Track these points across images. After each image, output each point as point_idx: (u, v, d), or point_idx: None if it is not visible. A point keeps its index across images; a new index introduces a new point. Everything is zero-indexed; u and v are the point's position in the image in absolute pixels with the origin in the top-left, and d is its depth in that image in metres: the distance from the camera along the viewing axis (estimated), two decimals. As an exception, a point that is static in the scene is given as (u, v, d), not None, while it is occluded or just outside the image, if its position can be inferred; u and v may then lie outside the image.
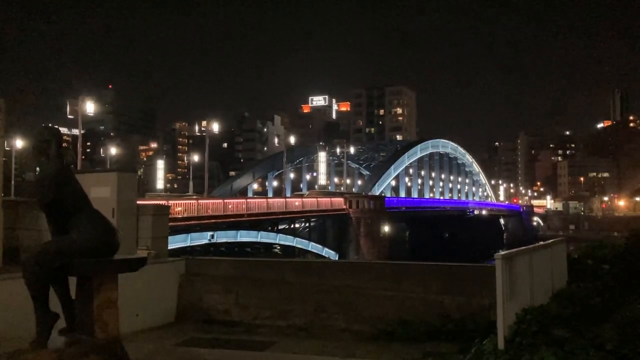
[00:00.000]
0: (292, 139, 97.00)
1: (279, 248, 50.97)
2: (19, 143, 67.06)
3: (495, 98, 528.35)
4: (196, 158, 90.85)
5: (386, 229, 66.10)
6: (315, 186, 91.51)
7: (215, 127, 70.83)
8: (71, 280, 5.30)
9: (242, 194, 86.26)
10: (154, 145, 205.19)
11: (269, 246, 49.89)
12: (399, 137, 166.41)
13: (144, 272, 7.11)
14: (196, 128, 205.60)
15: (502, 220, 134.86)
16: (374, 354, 8.63)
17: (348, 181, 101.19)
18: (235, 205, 45.29)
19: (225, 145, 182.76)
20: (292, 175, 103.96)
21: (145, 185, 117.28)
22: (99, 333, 5.02)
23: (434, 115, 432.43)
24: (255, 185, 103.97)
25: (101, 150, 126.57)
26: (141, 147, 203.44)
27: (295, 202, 55.12)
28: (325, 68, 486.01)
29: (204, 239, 40.68)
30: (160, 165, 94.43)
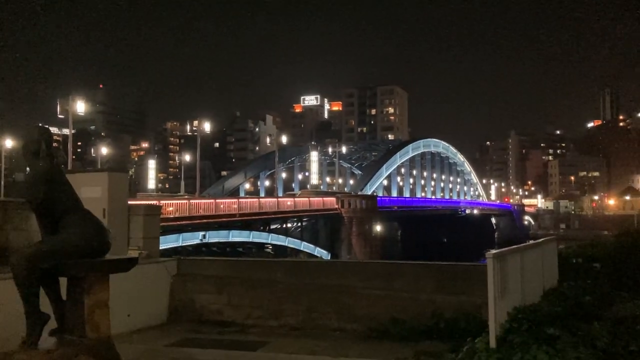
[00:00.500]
0: (284, 139, 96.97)
1: (271, 248, 50.93)
2: (8, 143, 66.66)
3: (486, 98, 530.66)
4: (188, 158, 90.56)
5: (378, 228, 66.21)
6: (308, 186, 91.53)
7: (207, 127, 70.71)
8: (62, 281, 5.27)
9: (234, 193, 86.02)
10: (145, 145, 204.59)
11: (261, 246, 49.83)
12: (390, 137, 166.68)
13: (135, 273, 7.07)
14: (188, 127, 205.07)
15: (494, 220, 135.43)
16: (366, 353, 8.63)
17: (340, 181, 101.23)
18: (227, 205, 45.22)
19: (217, 145, 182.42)
20: (284, 175, 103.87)
21: (137, 185, 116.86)
22: (90, 334, 4.99)
23: (425, 115, 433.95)
24: (247, 185, 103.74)
25: (92, 150, 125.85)
26: (132, 147, 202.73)
27: (288, 202, 55.11)
28: (317, 68, 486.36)
29: (195, 239, 40.57)
30: (151, 165, 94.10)
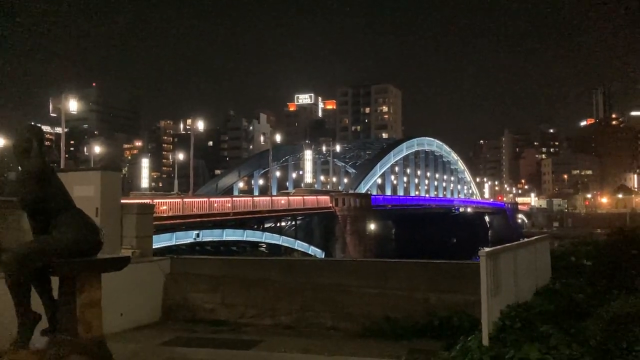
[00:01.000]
0: (278, 137, 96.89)
1: (265, 247, 50.95)
2: (0, 142, 66.28)
3: (480, 96, 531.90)
4: (181, 156, 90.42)
5: (372, 226, 66.31)
6: (302, 184, 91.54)
7: (201, 126, 70.56)
8: (53, 280, 5.24)
9: (228, 192, 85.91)
10: (138, 143, 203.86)
11: (255, 245, 49.83)
12: (384, 135, 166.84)
13: (128, 272, 7.05)
14: (181, 126, 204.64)
15: (487, 218, 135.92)
16: (360, 352, 8.64)
17: (334, 179, 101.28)
18: (221, 204, 45.18)
19: (210, 143, 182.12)
20: (278, 174, 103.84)
21: (130, 184, 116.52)
22: (82, 333, 4.96)
23: (419, 114, 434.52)
24: (241, 184, 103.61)
25: (85, 149, 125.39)
26: (126, 146, 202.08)
27: (282, 201, 55.11)
28: (312, 66, 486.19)
29: (189, 238, 40.54)
30: (144, 163, 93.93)
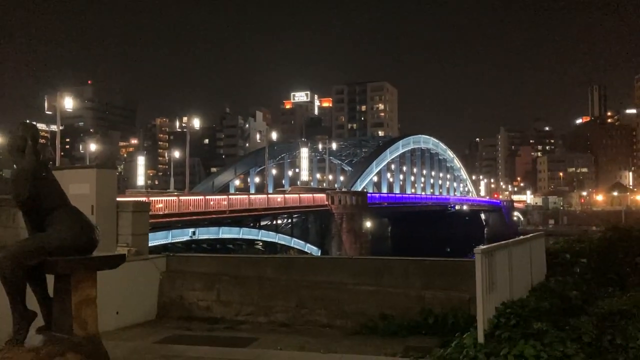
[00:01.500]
0: (274, 135, 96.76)
1: (261, 244, 50.92)
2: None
3: (476, 95, 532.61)
4: (177, 154, 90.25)
5: (368, 224, 66.36)
6: (298, 182, 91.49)
7: (196, 123, 70.42)
8: (49, 278, 5.23)
9: (224, 190, 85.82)
10: (134, 141, 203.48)
11: (251, 242, 49.80)
12: (381, 133, 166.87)
13: (124, 270, 7.04)
14: (177, 124, 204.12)
15: (483, 215, 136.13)
16: (355, 349, 8.65)
17: (330, 177, 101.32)
18: (217, 201, 45.09)
19: (206, 141, 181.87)
20: (274, 172, 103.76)
21: (126, 182, 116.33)
22: (78, 331, 4.95)
23: (415, 112, 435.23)
24: (237, 182, 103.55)
25: (81, 147, 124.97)
26: (121, 143, 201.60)
27: (278, 199, 55.05)
28: (308, 64, 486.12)
29: (185, 235, 40.49)
30: (140, 161, 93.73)
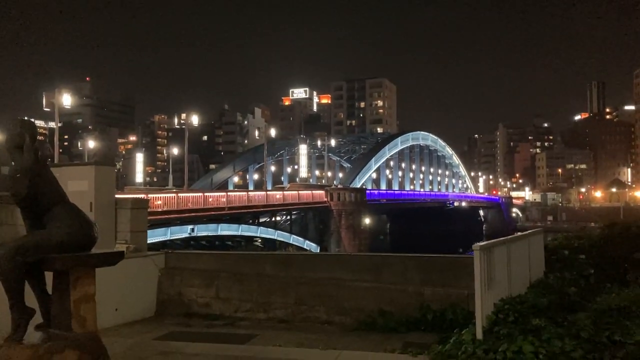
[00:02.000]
0: (273, 132, 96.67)
1: (260, 241, 50.93)
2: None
3: (474, 91, 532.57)
4: (176, 151, 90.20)
5: (367, 221, 66.38)
6: (297, 179, 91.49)
7: (195, 120, 70.27)
8: (47, 275, 5.23)
9: (223, 187, 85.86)
10: (132, 138, 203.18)
11: (250, 239, 49.82)
12: (379, 130, 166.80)
13: (123, 267, 7.04)
14: (175, 121, 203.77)
15: (482, 212, 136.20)
16: (354, 345, 8.66)
17: (329, 174, 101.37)
18: (216, 198, 45.09)
19: (205, 138, 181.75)
20: (273, 168, 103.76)
21: (124, 179, 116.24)
22: (77, 328, 4.96)
23: (414, 108, 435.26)
24: (236, 179, 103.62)
25: (79, 144, 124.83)
26: (120, 140, 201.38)
27: (277, 195, 55.04)
28: (306, 60, 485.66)
29: (184, 232, 40.50)
30: (139, 158, 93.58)
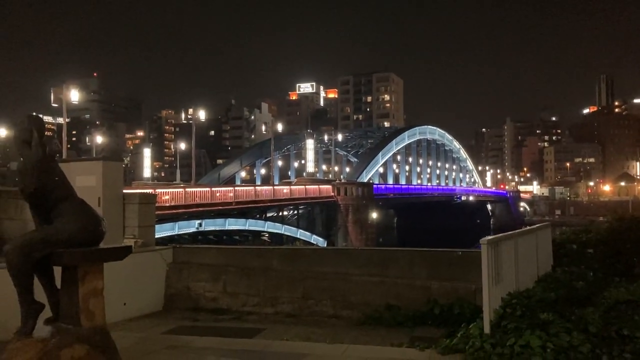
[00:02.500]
0: (280, 127, 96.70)
1: (267, 236, 51.02)
2: (2, 132, 66.38)
3: (482, 85, 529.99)
4: (183, 146, 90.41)
5: (374, 215, 66.35)
6: (304, 174, 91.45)
7: (202, 115, 70.38)
8: (56, 270, 5.26)
9: (230, 182, 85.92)
10: (140, 133, 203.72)
11: (258, 234, 49.90)
12: (386, 124, 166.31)
13: (131, 261, 7.08)
14: (182, 116, 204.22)
15: (489, 206, 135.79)
16: (361, 340, 8.67)
17: (336, 168, 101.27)
18: (223, 193, 45.17)
19: (212, 133, 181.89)
20: (280, 163, 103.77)
21: (132, 174, 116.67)
22: (85, 322, 4.99)
23: (421, 102, 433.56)
24: (243, 173, 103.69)
25: (87, 139, 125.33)
26: (127, 136, 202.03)
27: (284, 190, 55.08)
28: (313, 55, 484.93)
29: (191, 227, 40.61)
30: (146, 153, 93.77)
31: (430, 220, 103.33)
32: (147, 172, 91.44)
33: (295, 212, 57.90)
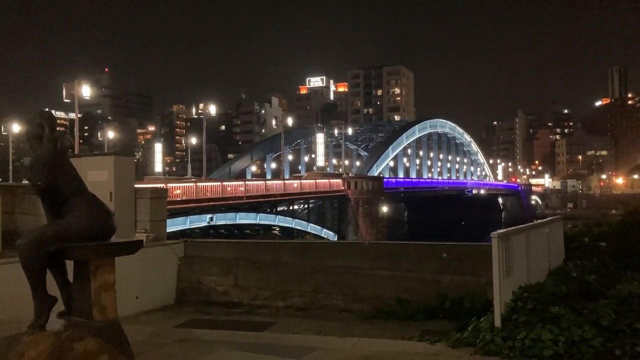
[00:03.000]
0: (290, 121, 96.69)
1: (278, 230, 51.12)
2: (15, 128, 66.90)
3: (493, 78, 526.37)
4: (194, 141, 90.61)
5: (384, 209, 66.25)
6: (314, 168, 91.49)
7: (213, 110, 70.51)
8: (68, 264, 5.31)
9: (241, 176, 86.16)
10: (151, 128, 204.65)
11: (268, 228, 50.01)
12: (397, 118, 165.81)
13: (143, 255, 7.12)
14: (193, 110, 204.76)
15: (501, 200, 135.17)
16: (372, 333, 8.68)
17: (346, 162, 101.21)
18: (234, 187, 45.33)
19: (222, 127, 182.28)
20: (291, 157, 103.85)
21: (144, 169, 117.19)
22: (97, 316, 5.03)
23: (432, 96, 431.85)
24: (254, 168, 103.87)
25: (99, 134, 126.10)
26: (139, 131, 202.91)
27: (294, 184, 55.15)
28: (323, 49, 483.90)
29: (203, 221, 40.78)
30: (158, 148, 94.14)
31: (441, 214, 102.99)
32: (159, 167, 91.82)
33: (306, 206, 57.97)
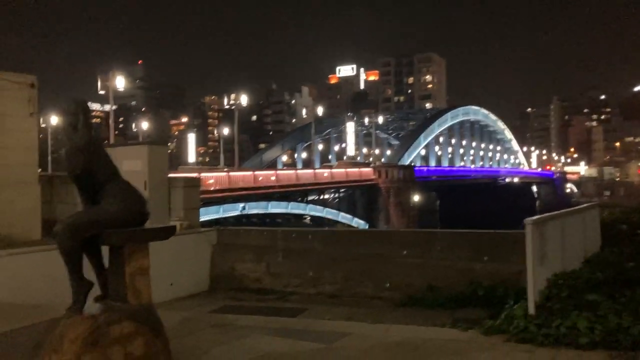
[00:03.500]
0: (320, 110, 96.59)
1: (309, 218, 51.39)
2: (54, 120, 68.50)
3: (527, 63, 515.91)
4: (226, 131, 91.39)
5: (416, 198, 65.87)
6: (344, 157, 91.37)
7: (244, 100, 70.99)
8: (104, 249, 5.43)
9: (272, 166, 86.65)
10: (184, 119, 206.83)
11: (299, 217, 50.34)
12: (428, 106, 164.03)
13: (176, 243, 7.24)
14: (225, 101, 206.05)
15: (535, 188, 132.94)
16: (402, 320, 8.65)
17: (377, 151, 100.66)
18: (266, 177, 45.69)
19: (254, 118, 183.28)
20: (321, 147, 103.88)
21: (178, 159, 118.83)
22: (132, 300, 5.14)
23: (464, 83, 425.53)
24: (285, 157, 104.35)
25: (133, 126, 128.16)
26: (172, 122, 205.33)
27: (324, 173, 55.22)
28: (353, 37, 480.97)
29: (235, 210, 41.30)
30: (191, 139, 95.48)
31: (473, 202, 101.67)
32: (192, 157, 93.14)
33: (337, 195, 58.04)
